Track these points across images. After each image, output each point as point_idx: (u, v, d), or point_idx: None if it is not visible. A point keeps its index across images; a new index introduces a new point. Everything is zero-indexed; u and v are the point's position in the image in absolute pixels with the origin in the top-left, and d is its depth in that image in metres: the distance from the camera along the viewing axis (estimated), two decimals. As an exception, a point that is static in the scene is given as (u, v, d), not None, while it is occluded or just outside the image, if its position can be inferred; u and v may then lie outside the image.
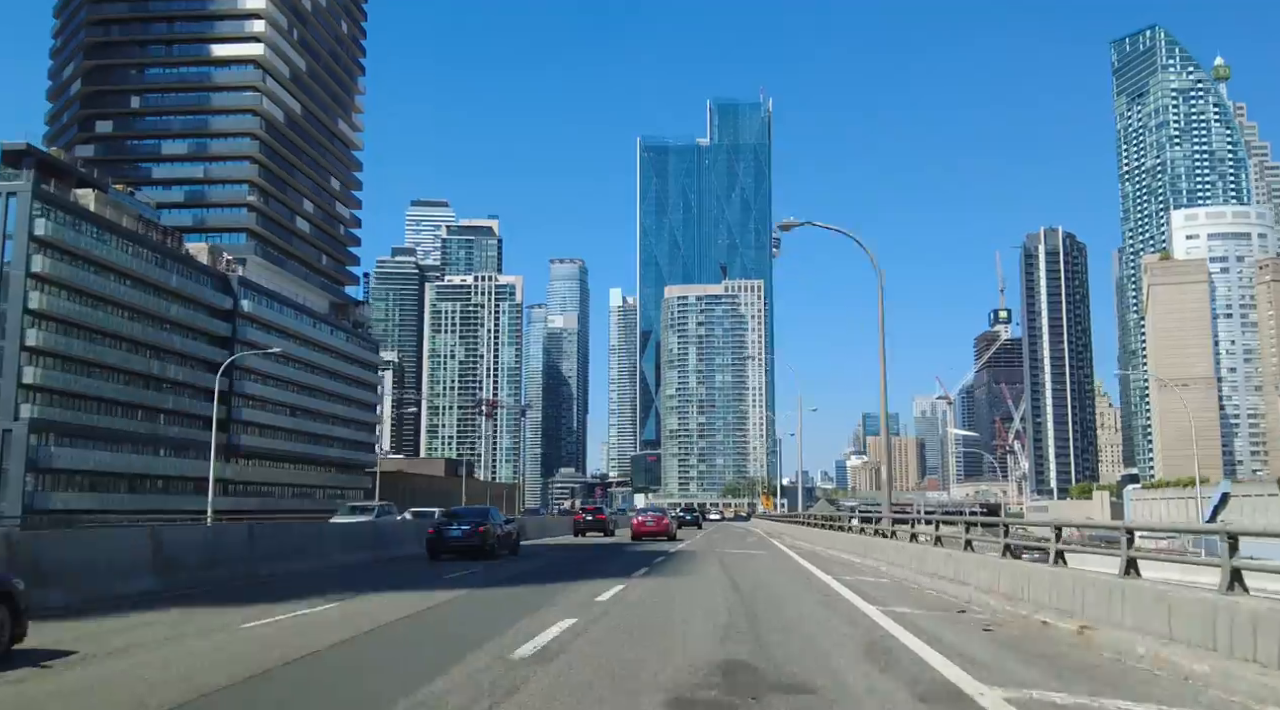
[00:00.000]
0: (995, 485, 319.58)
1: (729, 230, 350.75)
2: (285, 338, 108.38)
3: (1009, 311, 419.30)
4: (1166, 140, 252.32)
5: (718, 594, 15.85)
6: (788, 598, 15.37)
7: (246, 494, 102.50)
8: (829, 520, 40.02)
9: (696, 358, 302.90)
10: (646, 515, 45.13)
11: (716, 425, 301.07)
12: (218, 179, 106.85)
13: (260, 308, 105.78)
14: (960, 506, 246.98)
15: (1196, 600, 8.14)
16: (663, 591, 16.35)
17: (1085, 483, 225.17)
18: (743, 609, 13.47)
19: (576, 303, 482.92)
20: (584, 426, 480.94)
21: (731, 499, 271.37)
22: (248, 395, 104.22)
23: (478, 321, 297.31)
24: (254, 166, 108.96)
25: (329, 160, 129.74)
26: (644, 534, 41.93)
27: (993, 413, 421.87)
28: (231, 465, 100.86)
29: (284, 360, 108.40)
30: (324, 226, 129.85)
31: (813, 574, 20.95)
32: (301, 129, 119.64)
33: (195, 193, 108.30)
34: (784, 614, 12.88)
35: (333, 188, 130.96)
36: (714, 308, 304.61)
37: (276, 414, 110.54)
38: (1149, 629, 8.66)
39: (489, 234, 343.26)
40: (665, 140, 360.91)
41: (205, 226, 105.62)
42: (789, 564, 25.75)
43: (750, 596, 15.51)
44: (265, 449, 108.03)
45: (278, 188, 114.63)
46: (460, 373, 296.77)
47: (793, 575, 21.09)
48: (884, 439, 30.37)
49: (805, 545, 36.10)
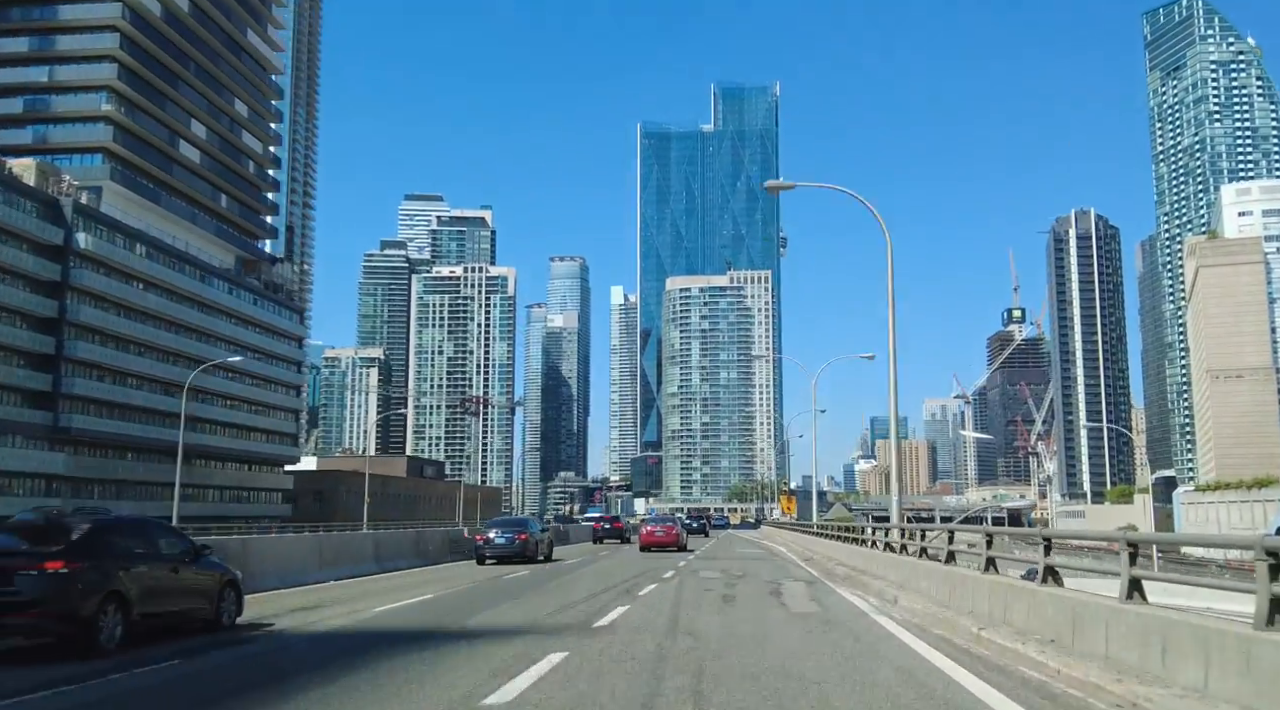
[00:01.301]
0: (1013, 488, 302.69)
1: (734, 220, 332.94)
2: (153, 291, 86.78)
3: (1023, 310, 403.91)
4: (1205, 116, 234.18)
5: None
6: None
7: (86, 493, 78.89)
8: (848, 532, 31.08)
9: (700, 353, 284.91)
10: (655, 525, 42.53)
11: (721, 425, 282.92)
12: (66, 85, 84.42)
13: (109, 247, 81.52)
14: (979, 511, 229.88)
15: None
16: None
17: (1124, 486, 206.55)
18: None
19: (577, 301, 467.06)
20: (584, 429, 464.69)
21: (738, 503, 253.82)
22: (85, 362, 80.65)
23: (467, 315, 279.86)
24: (116, 68, 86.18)
25: (232, 78, 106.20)
26: (652, 544, 39.86)
27: (1006, 414, 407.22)
28: (63, 455, 78.73)
29: (143, 317, 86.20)
30: (224, 159, 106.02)
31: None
32: (189, 31, 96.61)
33: (37, 103, 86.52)
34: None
35: (237, 113, 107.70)
36: (718, 300, 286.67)
37: (141, 391, 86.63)
38: None
39: (482, 225, 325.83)
40: (667, 126, 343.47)
41: (49, 146, 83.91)
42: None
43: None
44: (114, 436, 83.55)
45: (152, 101, 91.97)
46: (449, 370, 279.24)
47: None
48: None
49: (873, 581, 19.60)
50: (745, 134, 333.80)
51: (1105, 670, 7.67)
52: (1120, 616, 7.98)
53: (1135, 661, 7.56)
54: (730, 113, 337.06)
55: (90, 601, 9.98)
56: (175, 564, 11.82)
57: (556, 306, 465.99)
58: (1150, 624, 7.49)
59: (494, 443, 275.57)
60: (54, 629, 9.77)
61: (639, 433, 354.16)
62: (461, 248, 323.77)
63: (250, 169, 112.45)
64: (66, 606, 9.79)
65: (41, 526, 10.95)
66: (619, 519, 61.63)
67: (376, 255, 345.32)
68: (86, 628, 9.92)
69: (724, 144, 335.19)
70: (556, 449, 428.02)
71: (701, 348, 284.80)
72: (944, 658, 9.62)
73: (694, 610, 14.61)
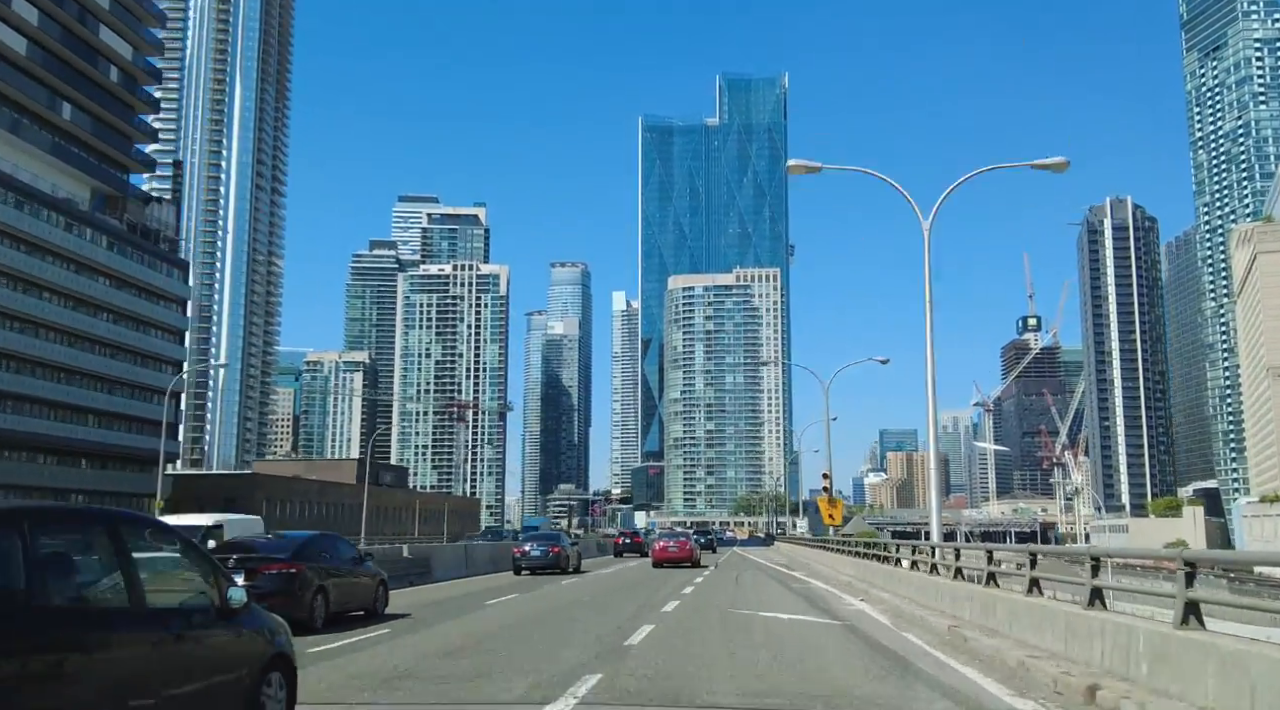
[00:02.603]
0: (1034, 502, 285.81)
1: (740, 218, 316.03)
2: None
3: (1039, 318, 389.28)
4: (1250, 98, 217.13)
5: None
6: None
7: None
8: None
9: (704, 356, 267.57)
10: (669, 541, 41.48)
11: (727, 433, 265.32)
12: None
13: None
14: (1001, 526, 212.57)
15: None
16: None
17: (1169, 497, 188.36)
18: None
19: (579, 308, 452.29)
20: (585, 439, 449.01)
21: (745, 517, 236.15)
22: None
23: (456, 316, 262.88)
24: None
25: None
26: (665, 560, 39.14)
27: (1023, 426, 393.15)
28: None
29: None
30: (68, 57, 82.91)
31: None
32: None
33: None
34: None
35: (96, 6, 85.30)
36: (724, 300, 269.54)
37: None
38: None
39: (475, 222, 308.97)
40: (670, 120, 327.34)
41: None
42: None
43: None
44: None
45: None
46: (436, 374, 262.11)
47: None
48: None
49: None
50: (752, 128, 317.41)
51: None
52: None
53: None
54: (736, 105, 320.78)
55: (308, 592, 14.59)
56: (352, 568, 16.58)
57: (557, 314, 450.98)
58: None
59: (484, 452, 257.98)
60: (285, 612, 10.36)
61: (640, 442, 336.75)
62: (453, 247, 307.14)
63: (112, 77, 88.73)
64: (294, 595, 14.28)
65: (269, 541, 16.74)
66: (639, 534, 66.24)
67: (365, 256, 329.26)
68: (308, 611, 14.41)
69: (730, 138, 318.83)
70: (556, 461, 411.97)
71: (706, 350, 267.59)
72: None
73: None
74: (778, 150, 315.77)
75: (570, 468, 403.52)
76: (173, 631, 5.53)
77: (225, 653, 6.13)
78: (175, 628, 5.56)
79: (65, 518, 5.77)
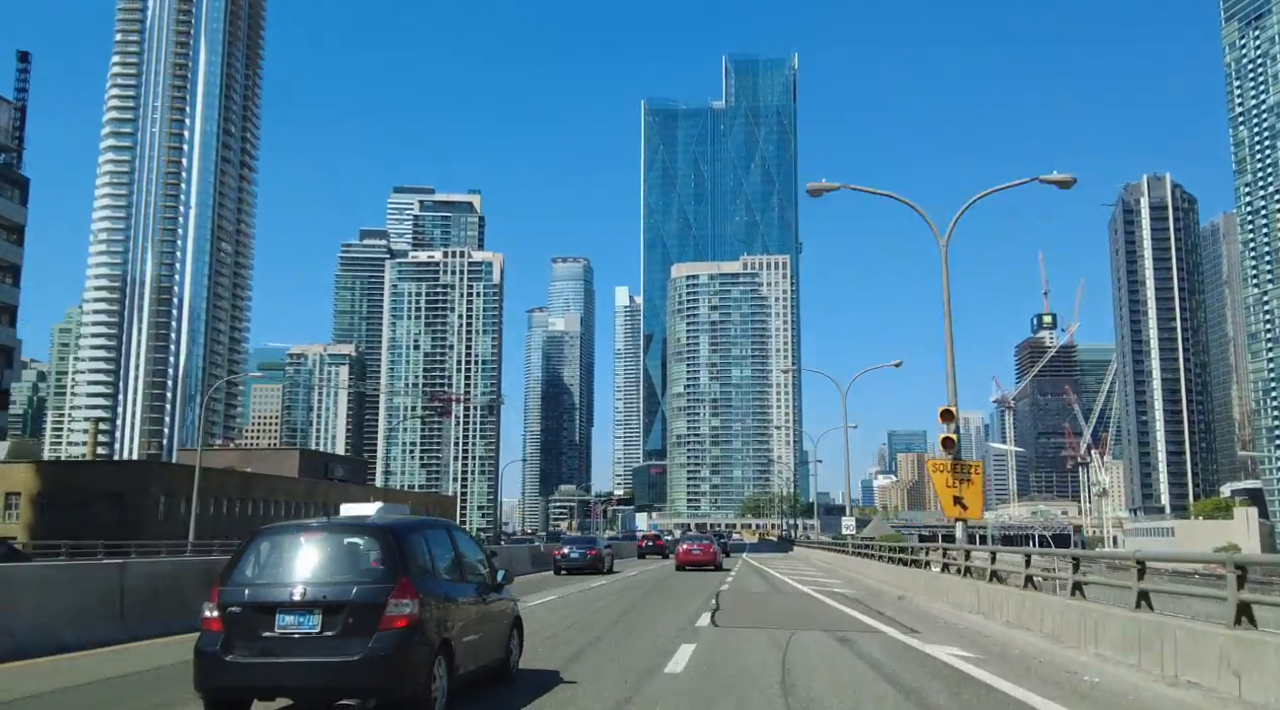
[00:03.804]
0: (1055, 504, 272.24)
1: (748, 205, 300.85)
2: None
3: (1054, 316, 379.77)
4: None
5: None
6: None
7: None
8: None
9: (709, 348, 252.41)
10: (692, 543, 41.66)
11: (734, 430, 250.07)
12: None
13: None
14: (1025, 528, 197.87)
15: None
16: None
17: (1214, 497, 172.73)
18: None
19: (580, 304, 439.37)
20: (587, 439, 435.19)
21: (753, 519, 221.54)
22: None
23: (447, 305, 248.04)
24: None
25: None
26: (689, 563, 39.35)
27: (1038, 426, 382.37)
28: None
29: None
30: None
31: None
32: None
33: None
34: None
35: None
36: (730, 289, 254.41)
37: None
38: None
39: (468, 210, 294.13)
40: (674, 103, 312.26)
41: None
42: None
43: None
44: None
45: None
46: (425, 367, 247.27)
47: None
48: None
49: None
50: (760, 111, 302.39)
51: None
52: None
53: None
54: (744, 88, 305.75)
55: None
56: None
57: (559, 310, 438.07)
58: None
59: (476, 448, 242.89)
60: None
61: (643, 441, 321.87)
62: (447, 236, 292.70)
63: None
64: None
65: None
66: (660, 538, 67.02)
67: (355, 246, 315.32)
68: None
69: (737, 122, 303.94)
70: (558, 461, 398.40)
71: (711, 342, 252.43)
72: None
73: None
74: (787, 134, 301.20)
75: (572, 469, 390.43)
76: (479, 595, 8.92)
77: (498, 609, 9.38)
78: (478, 592, 8.91)
79: (429, 527, 8.75)
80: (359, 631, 7.03)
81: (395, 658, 7.02)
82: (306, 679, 7.03)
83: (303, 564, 7.40)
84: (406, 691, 7.15)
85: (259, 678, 7.06)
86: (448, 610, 7.93)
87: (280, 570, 7.39)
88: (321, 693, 7.07)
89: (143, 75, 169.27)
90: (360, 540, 7.62)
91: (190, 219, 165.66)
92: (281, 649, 7.05)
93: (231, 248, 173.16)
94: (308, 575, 7.31)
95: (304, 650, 7.04)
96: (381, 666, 6.97)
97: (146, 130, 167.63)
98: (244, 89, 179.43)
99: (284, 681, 7.10)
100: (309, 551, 7.50)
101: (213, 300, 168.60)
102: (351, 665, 6.94)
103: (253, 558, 7.52)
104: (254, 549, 7.59)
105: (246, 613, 7.15)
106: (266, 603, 7.15)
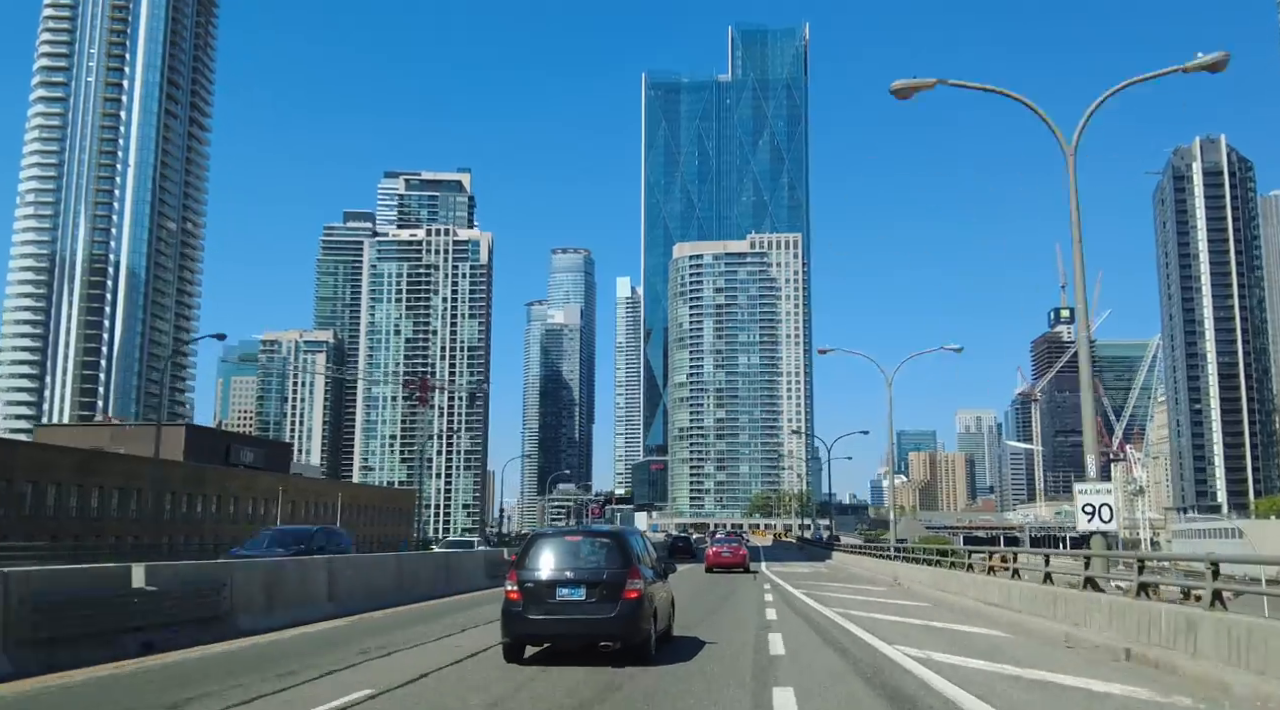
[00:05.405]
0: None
1: (755, 184, 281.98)
2: None
3: (1071, 310, 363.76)
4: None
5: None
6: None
7: None
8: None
9: (714, 334, 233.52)
10: (722, 546, 43.14)
11: (740, 422, 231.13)
12: None
13: None
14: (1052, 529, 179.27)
15: None
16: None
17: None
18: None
19: (580, 296, 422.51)
20: (588, 436, 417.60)
21: (760, 518, 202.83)
22: None
23: (430, 288, 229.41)
24: None
25: None
26: (718, 565, 40.10)
27: (1055, 424, 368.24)
28: None
29: None
30: None
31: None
32: None
33: None
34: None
35: None
36: (736, 270, 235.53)
37: None
38: None
39: (457, 188, 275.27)
40: (677, 76, 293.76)
41: None
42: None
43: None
44: None
45: None
46: (406, 353, 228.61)
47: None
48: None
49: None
50: (768, 84, 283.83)
51: None
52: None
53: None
54: (751, 59, 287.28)
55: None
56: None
57: (558, 302, 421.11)
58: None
59: (461, 442, 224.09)
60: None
61: (644, 435, 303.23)
62: (434, 217, 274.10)
63: None
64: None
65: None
66: (688, 540, 67.90)
67: (338, 228, 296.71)
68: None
69: (743, 96, 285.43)
70: (557, 459, 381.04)
71: (716, 327, 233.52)
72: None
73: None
74: (797, 109, 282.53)
75: (572, 466, 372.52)
76: (662, 580, 12.83)
77: (667, 591, 13.27)
78: (660, 578, 12.76)
79: (637, 534, 12.93)
80: (610, 599, 10.88)
81: (631, 616, 10.90)
82: (580, 629, 11.02)
83: (571, 555, 11.41)
84: (639, 639, 11.07)
85: (547, 628, 11.04)
86: (653, 589, 11.75)
87: (556, 560, 11.30)
88: (588, 638, 11.13)
89: (78, 19, 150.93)
90: (605, 541, 11.66)
91: (128, 179, 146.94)
92: (561, 610, 10.95)
93: (178, 212, 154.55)
94: (575, 563, 11.29)
95: (576, 610, 10.95)
96: (625, 622, 10.88)
97: (81, 80, 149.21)
98: (195, 36, 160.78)
99: (564, 631, 11.09)
100: (574, 547, 11.61)
101: (153, 270, 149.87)
102: (608, 620, 10.86)
103: (533, 551, 11.42)
104: (535, 546, 11.65)
105: (538, 587, 10.97)
106: (550, 580, 11.02)
